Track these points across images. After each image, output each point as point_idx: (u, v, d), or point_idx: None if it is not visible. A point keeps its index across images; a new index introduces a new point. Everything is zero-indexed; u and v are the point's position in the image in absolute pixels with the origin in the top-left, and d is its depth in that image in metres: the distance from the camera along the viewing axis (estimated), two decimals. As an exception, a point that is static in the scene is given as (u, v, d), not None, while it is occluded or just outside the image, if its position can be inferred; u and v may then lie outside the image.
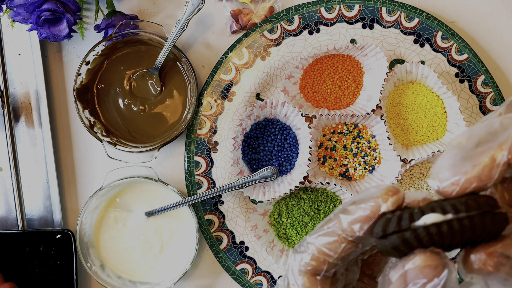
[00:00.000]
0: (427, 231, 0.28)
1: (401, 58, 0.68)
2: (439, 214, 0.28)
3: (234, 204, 0.69)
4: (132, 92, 0.69)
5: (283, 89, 0.66)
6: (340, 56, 0.68)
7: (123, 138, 0.69)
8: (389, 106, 0.68)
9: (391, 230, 0.29)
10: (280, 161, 0.68)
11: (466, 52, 0.68)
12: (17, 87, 0.70)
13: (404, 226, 0.28)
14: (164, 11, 0.70)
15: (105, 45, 0.67)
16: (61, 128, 0.71)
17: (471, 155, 0.28)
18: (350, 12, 0.68)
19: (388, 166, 0.67)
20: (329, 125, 0.68)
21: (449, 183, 0.28)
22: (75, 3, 0.63)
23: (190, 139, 0.69)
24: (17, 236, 0.68)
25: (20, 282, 0.68)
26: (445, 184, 0.29)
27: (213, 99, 0.69)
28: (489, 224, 0.28)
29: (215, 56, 0.70)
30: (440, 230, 0.27)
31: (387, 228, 0.29)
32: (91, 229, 0.69)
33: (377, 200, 0.30)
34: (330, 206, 0.68)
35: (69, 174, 0.71)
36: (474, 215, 0.27)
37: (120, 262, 0.70)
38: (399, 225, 0.29)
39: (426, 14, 0.68)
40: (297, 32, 0.68)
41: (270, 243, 0.67)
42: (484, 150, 0.28)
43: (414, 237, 0.28)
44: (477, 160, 0.28)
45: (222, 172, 0.69)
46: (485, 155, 0.28)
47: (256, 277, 0.69)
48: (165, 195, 0.69)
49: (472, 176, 0.28)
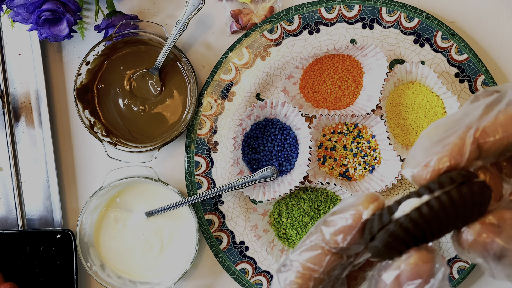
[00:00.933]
0: (409, 218, 0.27)
1: (401, 58, 0.68)
2: (415, 198, 0.28)
3: (234, 204, 0.69)
4: (132, 92, 0.69)
5: (283, 89, 0.66)
6: (340, 56, 0.68)
7: (123, 138, 0.69)
8: (389, 106, 0.68)
9: (376, 229, 0.28)
10: (280, 161, 0.68)
11: (466, 52, 0.68)
12: (17, 87, 0.70)
13: (386, 221, 0.28)
14: (164, 11, 0.71)
15: (105, 45, 0.67)
16: (61, 128, 0.71)
17: (441, 139, 0.29)
18: (350, 12, 0.68)
19: (388, 166, 0.67)
20: (329, 125, 0.68)
21: (422, 166, 0.29)
22: (75, 3, 0.63)
23: (190, 139, 0.69)
24: (17, 236, 0.68)
25: (20, 282, 0.68)
26: (418, 168, 0.29)
27: (213, 99, 0.69)
28: (468, 193, 0.27)
29: (215, 56, 0.70)
30: (421, 213, 0.27)
31: (372, 229, 0.29)
32: (91, 229, 0.69)
33: (358, 207, 0.29)
34: (330, 206, 0.68)
35: (69, 174, 0.71)
36: (450, 189, 0.27)
37: (120, 262, 0.70)
38: (380, 221, 0.28)
39: (426, 14, 0.68)
40: (297, 32, 0.68)
41: (270, 243, 0.67)
42: (452, 133, 0.29)
43: (399, 228, 0.27)
44: (446, 141, 0.28)
45: (222, 172, 0.69)
46: (454, 136, 0.28)
47: (256, 277, 0.69)
48: (165, 195, 0.69)
49: (443, 155, 0.28)
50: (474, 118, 0.28)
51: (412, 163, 0.29)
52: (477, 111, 0.29)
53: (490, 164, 0.31)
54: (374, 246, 0.29)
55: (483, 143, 0.28)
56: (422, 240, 0.28)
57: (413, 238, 0.28)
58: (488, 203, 0.28)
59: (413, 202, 0.28)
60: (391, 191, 0.68)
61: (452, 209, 0.27)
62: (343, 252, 0.30)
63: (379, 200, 0.30)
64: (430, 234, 0.28)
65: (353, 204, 0.30)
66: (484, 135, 0.28)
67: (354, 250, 0.30)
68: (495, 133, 0.28)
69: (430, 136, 0.29)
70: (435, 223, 0.27)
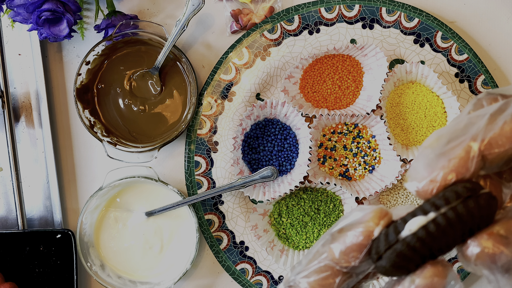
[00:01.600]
0: (416, 237, 0.27)
1: (401, 58, 0.68)
2: (421, 216, 0.27)
3: (234, 204, 0.69)
4: (132, 92, 0.69)
5: (283, 89, 0.66)
6: (340, 56, 0.68)
7: (123, 138, 0.69)
8: (389, 106, 0.68)
9: (382, 249, 0.28)
10: (280, 161, 0.68)
11: (466, 52, 0.68)
12: (17, 87, 0.70)
13: (392, 240, 0.28)
14: (164, 11, 0.71)
15: (105, 45, 0.67)
16: (61, 128, 0.71)
17: (445, 151, 0.28)
18: (350, 12, 0.68)
19: (388, 166, 0.67)
20: (329, 125, 0.68)
21: (428, 181, 0.28)
22: (75, 3, 0.63)
23: (190, 139, 0.69)
24: (17, 236, 0.68)
25: (20, 282, 0.68)
26: (423, 183, 0.28)
27: (213, 99, 0.69)
28: (475, 207, 0.27)
29: (215, 56, 0.70)
30: (428, 232, 0.27)
31: (378, 249, 0.28)
32: (91, 229, 0.69)
33: (368, 224, 0.29)
34: (330, 206, 0.68)
35: (69, 174, 0.71)
36: (456, 205, 0.27)
37: (120, 262, 0.70)
38: (387, 241, 0.28)
39: (426, 14, 0.68)
40: (297, 32, 0.68)
41: (270, 243, 0.67)
42: (457, 144, 0.28)
43: (406, 247, 0.27)
44: (451, 155, 0.28)
45: (222, 172, 0.69)
46: (459, 148, 0.28)
47: (256, 277, 0.69)
48: (165, 195, 0.69)
49: (449, 170, 0.28)
50: (479, 128, 0.28)
51: (416, 176, 0.29)
52: (482, 121, 0.28)
53: None
54: (382, 266, 0.28)
55: (488, 154, 0.28)
56: (430, 256, 0.28)
57: (420, 256, 0.27)
58: (495, 214, 0.28)
59: (419, 220, 0.27)
60: (391, 191, 0.68)
61: (459, 224, 0.27)
62: (353, 271, 0.30)
63: (388, 215, 0.29)
64: (437, 250, 0.27)
65: (362, 221, 0.29)
66: (489, 147, 0.28)
67: (363, 267, 0.30)
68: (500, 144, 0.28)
69: (433, 147, 0.29)
70: (443, 240, 0.27)
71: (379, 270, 0.29)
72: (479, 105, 0.31)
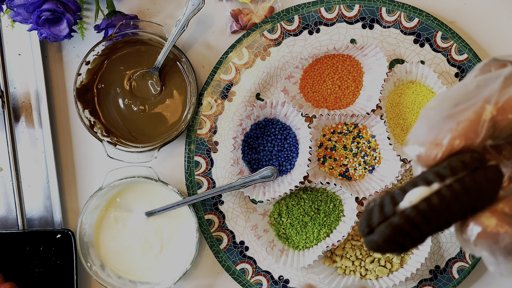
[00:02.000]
0: (417, 210, 0.24)
1: (401, 58, 0.68)
2: (424, 187, 0.24)
3: (234, 204, 0.69)
4: (132, 92, 0.69)
5: (283, 89, 0.66)
6: (340, 56, 0.68)
7: (123, 138, 0.69)
8: (389, 106, 0.68)
9: (376, 222, 0.24)
10: (280, 161, 0.68)
11: (466, 52, 0.68)
12: (17, 87, 0.70)
13: (388, 213, 0.24)
14: (164, 11, 0.71)
15: (105, 45, 0.67)
16: (61, 128, 0.71)
17: (453, 113, 0.25)
18: (350, 12, 0.68)
19: (388, 166, 0.67)
20: (329, 125, 0.68)
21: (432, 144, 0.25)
22: (75, 3, 0.63)
23: (190, 139, 0.69)
24: (17, 236, 0.68)
25: (20, 282, 0.68)
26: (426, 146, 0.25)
27: (213, 99, 0.69)
28: (483, 181, 0.24)
29: (215, 56, 0.70)
30: (431, 204, 0.23)
31: (371, 222, 0.25)
32: (91, 229, 0.69)
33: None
34: (330, 206, 0.68)
35: (69, 174, 0.71)
36: (463, 176, 0.24)
37: (120, 262, 0.70)
38: (382, 213, 0.24)
39: (426, 14, 0.68)
40: (297, 32, 0.68)
41: (270, 243, 0.67)
42: (467, 107, 0.25)
43: (404, 221, 0.24)
44: (461, 117, 0.25)
45: (222, 172, 0.69)
46: (469, 110, 0.25)
47: (256, 277, 0.69)
48: (165, 195, 0.69)
49: (458, 133, 0.24)
50: (493, 90, 0.25)
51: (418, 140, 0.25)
52: (496, 83, 0.25)
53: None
54: (373, 241, 0.25)
55: (500, 120, 0.25)
56: (427, 233, 0.24)
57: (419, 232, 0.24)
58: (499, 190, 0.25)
59: (422, 191, 0.24)
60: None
61: (465, 198, 0.23)
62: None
63: None
64: (437, 226, 0.24)
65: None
66: (502, 111, 0.24)
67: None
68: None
69: (438, 109, 0.26)
70: (446, 213, 0.24)
71: (369, 245, 0.25)
72: (487, 70, 0.28)
